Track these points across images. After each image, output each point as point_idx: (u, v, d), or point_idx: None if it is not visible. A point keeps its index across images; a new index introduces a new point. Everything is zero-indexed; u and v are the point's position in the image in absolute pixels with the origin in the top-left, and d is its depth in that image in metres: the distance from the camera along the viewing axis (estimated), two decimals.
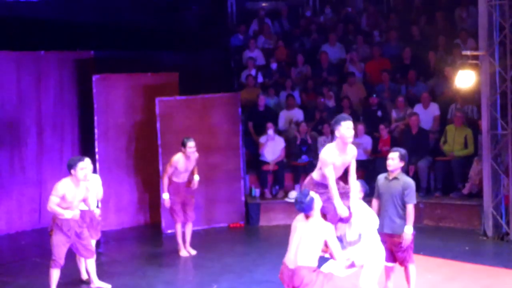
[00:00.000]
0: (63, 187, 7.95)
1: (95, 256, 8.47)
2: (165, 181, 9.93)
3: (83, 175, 8.02)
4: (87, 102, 11.99)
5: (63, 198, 7.92)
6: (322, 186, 7.01)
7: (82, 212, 8.28)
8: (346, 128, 6.89)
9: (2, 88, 11.60)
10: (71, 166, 7.99)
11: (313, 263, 6.38)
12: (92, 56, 12.64)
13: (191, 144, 9.80)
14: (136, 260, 10.06)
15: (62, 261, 8.06)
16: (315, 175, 7.10)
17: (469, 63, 10.21)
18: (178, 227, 9.98)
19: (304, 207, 6.44)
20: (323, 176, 6.95)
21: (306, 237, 6.40)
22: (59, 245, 8.02)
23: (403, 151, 7.66)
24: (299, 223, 6.56)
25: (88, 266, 8.51)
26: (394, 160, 7.56)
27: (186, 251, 10.03)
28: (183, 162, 9.86)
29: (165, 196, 9.89)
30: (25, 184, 11.61)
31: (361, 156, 11.88)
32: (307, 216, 6.50)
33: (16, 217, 11.67)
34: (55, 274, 8.09)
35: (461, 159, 11.39)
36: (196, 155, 9.98)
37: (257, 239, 11.16)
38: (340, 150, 6.94)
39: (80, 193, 8.09)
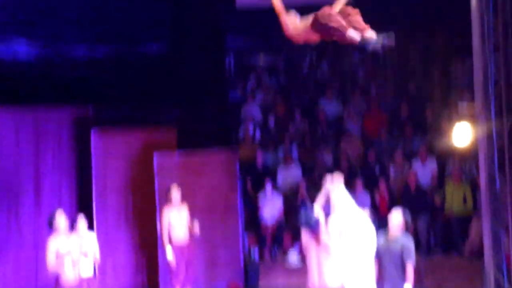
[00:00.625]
0: (53, 243, 8.03)
1: None
2: (164, 235, 9.77)
3: (63, 224, 8.13)
4: (85, 158, 11.92)
5: (58, 254, 7.85)
6: None
7: (81, 280, 8.19)
8: None
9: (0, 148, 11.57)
10: (51, 223, 8.21)
11: None
12: (90, 110, 12.61)
13: (174, 188, 9.79)
14: None
15: None
16: None
17: (466, 118, 10.22)
18: None
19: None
20: None
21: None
22: None
23: (405, 210, 7.58)
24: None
25: None
26: (397, 219, 7.46)
27: None
28: (173, 212, 9.72)
29: (168, 248, 9.68)
30: (22, 247, 11.41)
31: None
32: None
33: (11, 281, 11.43)
34: None
35: (461, 217, 11.32)
36: (186, 206, 9.89)
37: None
38: None
39: (74, 244, 8.08)
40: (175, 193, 9.78)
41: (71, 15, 13.49)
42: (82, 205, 11.98)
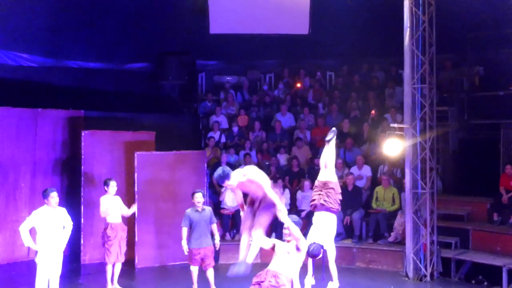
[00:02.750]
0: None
1: None
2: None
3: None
4: (76, 154, 11.94)
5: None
6: None
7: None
8: None
9: (3, 137, 11.50)
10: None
11: None
12: (82, 115, 12.66)
13: (113, 183, 9.62)
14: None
15: None
16: None
17: (396, 134, 10.50)
18: (109, 267, 9.58)
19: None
20: None
21: None
22: None
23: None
24: None
25: None
26: None
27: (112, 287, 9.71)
28: (109, 199, 9.62)
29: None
30: (18, 222, 11.26)
31: (306, 206, 12.05)
32: None
33: (8, 251, 11.39)
34: None
35: (388, 212, 11.59)
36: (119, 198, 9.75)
37: (216, 275, 11.00)
38: None
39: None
40: (112, 188, 9.64)
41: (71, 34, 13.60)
42: (72, 191, 12.03)
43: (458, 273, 10.42)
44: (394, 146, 10.47)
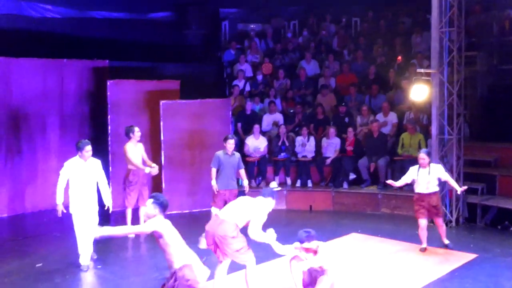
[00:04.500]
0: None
1: None
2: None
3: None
4: (102, 103, 12.00)
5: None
6: None
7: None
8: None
9: (31, 88, 11.58)
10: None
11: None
12: (107, 64, 12.66)
13: (137, 129, 9.69)
14: (135, 239, 9.84)
15: None
16: None
17: (423, 79, 10.30)
18: (129, 211, 9.76)
19: None
20: None
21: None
22: None
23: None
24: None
25: None
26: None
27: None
28: (133, 146, 9.70)
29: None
30: (48, 171, 11.55)
31: (331, 154, 12.02)
32: None
33: (39, 198, 11.61)
34: None
35: (413, 159, 11.43)
36: (141, 145, 9.78)
37: None
38: None
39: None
40: (137, 133, 9.72)
41: None
42: (99, 141, 12.10)
43: (484, 219, 10.36)
44: (420, 92, 10.30)
